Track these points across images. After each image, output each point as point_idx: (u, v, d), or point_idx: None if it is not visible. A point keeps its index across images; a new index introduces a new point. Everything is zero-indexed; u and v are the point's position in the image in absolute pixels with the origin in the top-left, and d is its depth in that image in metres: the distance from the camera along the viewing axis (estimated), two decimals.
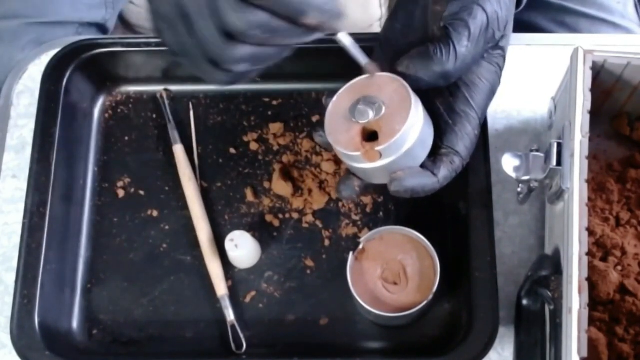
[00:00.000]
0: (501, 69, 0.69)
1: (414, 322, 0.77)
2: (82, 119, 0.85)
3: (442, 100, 0.67)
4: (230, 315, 0.78)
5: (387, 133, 0.64)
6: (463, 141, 0.67)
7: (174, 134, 0.84)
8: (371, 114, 0.65)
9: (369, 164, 0.65)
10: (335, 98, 0.67)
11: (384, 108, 0.65)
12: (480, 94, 0.67)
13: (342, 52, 0.67)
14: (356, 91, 0.67)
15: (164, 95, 0.87)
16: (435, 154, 0.67)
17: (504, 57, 0.69)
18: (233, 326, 0.77)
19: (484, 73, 0.68)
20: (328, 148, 0.70)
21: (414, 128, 0.64)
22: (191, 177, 0.83)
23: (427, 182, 0.66)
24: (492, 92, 0.69)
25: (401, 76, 0.66)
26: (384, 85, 0.66)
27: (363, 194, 0.68)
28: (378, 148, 0.64)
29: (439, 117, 0.67)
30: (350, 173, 0.69)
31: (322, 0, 0.59)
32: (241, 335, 0.77)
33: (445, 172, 0.66)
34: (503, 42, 0.68)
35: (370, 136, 0.65)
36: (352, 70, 0.73)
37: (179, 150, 0.84)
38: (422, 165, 0.66)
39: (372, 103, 0.65)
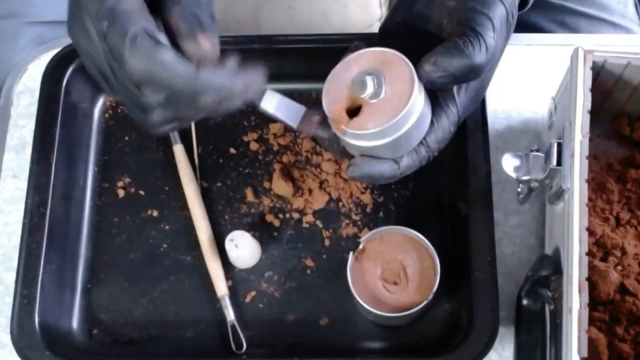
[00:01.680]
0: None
1: (414, 322, 0.77)
2: (82, 119, 0.85)
3: (428, 90, 0.65)
4: (230, 315, 0.78)
5: (360, 122, 0.63)
6: (435, 133, 0.65)
7: (174, 134, 0.84)
8: (369, 91, 0.62)
9: (338, 133, 0.64)
10: (355, 54, 0.65)
11: (382, 95, 0.62)
12: (467, 93, 0.66)
13: (342, 52, 0.67)
14: (380, 60, 0.64)
15: None
16: None
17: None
18: (233, 326, 0.77)
19: None
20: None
21: (395, 132, 0.62)
22: (191, 177, 0.83)
23: (386, 168, 0.64)
24: (479, 94, 0.68)
25: (428, 73, 0.63)
26: (402, 81, 0.62)
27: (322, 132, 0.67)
28: (344, 126, 0.63)
29: None
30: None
31: (219, 82, 0.60)
32: (241, 335, 0.77)
33: (408, 160, 0.65)
34: None
35: (358, 108, 0.63)
36: None
37: (179, 150, 0.84)
38: None
39: (379, 85, 0.62)
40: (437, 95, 0.66)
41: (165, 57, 0.58)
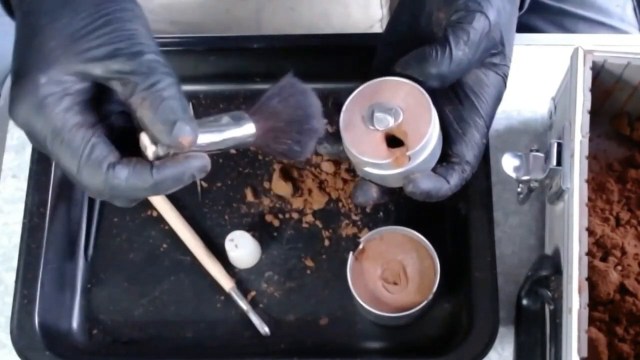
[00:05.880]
0: (506, 76, 0.70)
1: (414, 322, 0.77)
2: None
3: (451, 108, 0.68)
4: (244, 305, 0.78)
5: (416, 136, 0.64)
6: (473, 150, 0.68)
7: None
8: (391, 121, 0.65)
9: (394, 170, 0.65)
10: (345, 108, 0.67)
11: (401, 113, 0.65)
12: (489, 102, 0.68)
13: (342, 52, 0.67)
14: (365, 98, 0.66)
15: None
16: (447, 161, 0.68)
17: (508, 66, 0.70)
18: (248, 313, 0.78)
19: (491, 81, 0.68)
20: (333, 157, 0.70)
21: (435, 128, 0.65)
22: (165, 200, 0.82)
23: (441, 186, 0.66)
24: (498, 100, 0.70)
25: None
26: (395, 89, 0.66)
27: (378, 200, 0.69)
28: (409, 152, 0.64)
29: (448, 125, 0.68)
30: (365, 179, 0.69)
31: (176, 176, 0.58)
32: (260, 321, 0.77)
33: (457, 179, 0.67)
34: (507, 50, 0.69)
35: (391, 141, 0.65)
36: (352, 70, 0.73)
37: None
38: (435, 172, 0.67)
39: (389, 109, 0.65)
40: (461, 113, 0.68)
41: (119, 177, 0.56)
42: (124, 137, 0.59)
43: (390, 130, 0.65)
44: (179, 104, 0.57)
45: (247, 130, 0.61)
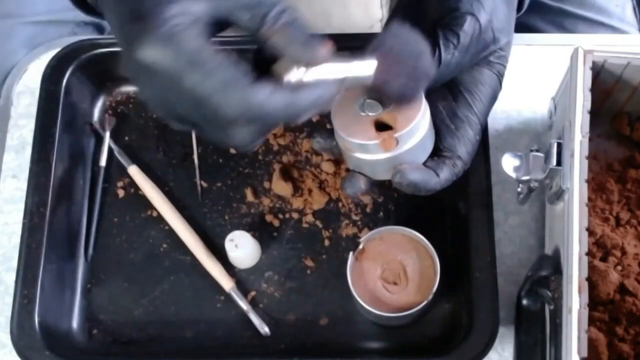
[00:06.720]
0: (502, 75, 0.69)
1: (414, 322, 0.77)
2: (81, 119, 0.85)
3: (444, 104, 0.68)
4: (244, 305, 0.78)
5: (404, 121, 0.65)
6: (465, 146, 0.68)
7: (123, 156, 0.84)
8: (381, 107, 0.65)
9: (382, 154, 0.65)
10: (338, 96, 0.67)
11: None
12: (482, 100, 0.68)
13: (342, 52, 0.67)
14: (358, 88, 0.67)
15: None
16: (438, 155, 0.68)
17: (504, 65, 0.70)
18: (248, 313, 0.78)
19: (486, 80, 0.68)
20: (326, 153, 0.70)
21: (425, 117, 0.65)
22: (157, 194, 0.82)
23: (429, 179, 0.66)
24: (493, 99, 0.70)
25: None
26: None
27: (366, 192, 0.68)
28: (397, 134, 0.64)
29: (440, 120, 0.68)
30: (354, 171, 0.69)
31: (317, 99, 0.58)
32: (260, 321, 0.77)
33: (447, 173, 0.67)
34: (505, 50, 0.69)
35: (380, 128, 0.66)
36: None
37: (134, 172, 0.83)
38: (425, 165, 0.67)
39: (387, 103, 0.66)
40: (455, 109, 0.68)
41: (262, 93, 0.55)
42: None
43: (380, 116, 0.65)
44: (306, 26, 0.58)
45: (369, 64, 0.62)
